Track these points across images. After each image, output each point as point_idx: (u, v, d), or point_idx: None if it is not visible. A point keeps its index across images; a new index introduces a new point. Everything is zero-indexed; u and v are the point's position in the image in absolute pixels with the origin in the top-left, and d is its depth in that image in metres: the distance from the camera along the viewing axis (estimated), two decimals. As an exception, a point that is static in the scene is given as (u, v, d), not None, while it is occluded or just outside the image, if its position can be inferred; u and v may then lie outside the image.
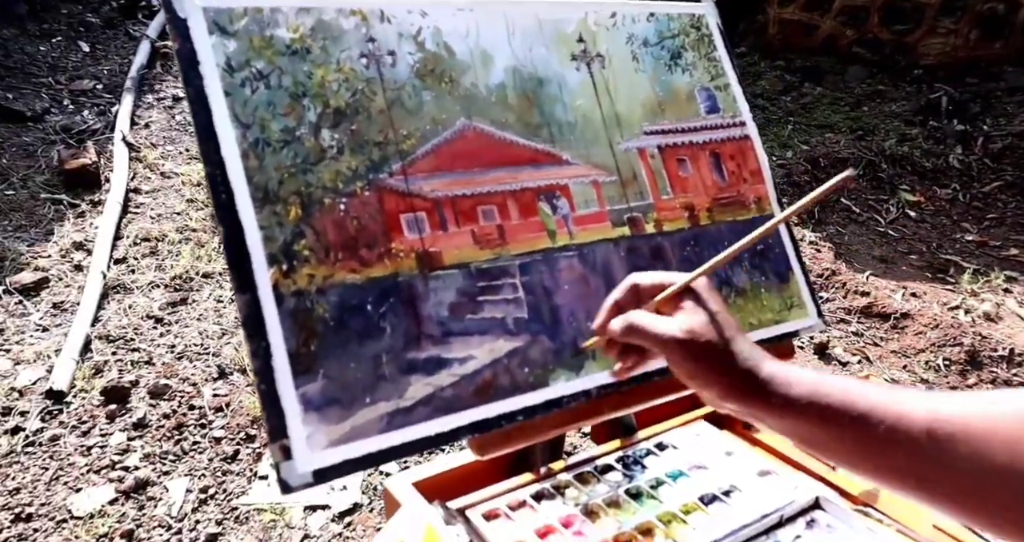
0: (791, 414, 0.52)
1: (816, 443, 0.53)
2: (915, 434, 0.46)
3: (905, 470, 0.48)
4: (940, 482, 0.46)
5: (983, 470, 0.44)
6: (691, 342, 0.55)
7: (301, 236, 0.65)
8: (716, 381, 0.55)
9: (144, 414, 1.86)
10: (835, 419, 0.50)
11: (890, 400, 0.48)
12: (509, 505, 0.81)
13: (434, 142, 0.74)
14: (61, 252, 2.33)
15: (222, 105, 0.63)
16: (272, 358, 0.61)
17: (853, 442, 0.50)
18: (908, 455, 0.47)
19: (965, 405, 0.46)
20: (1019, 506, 0.43)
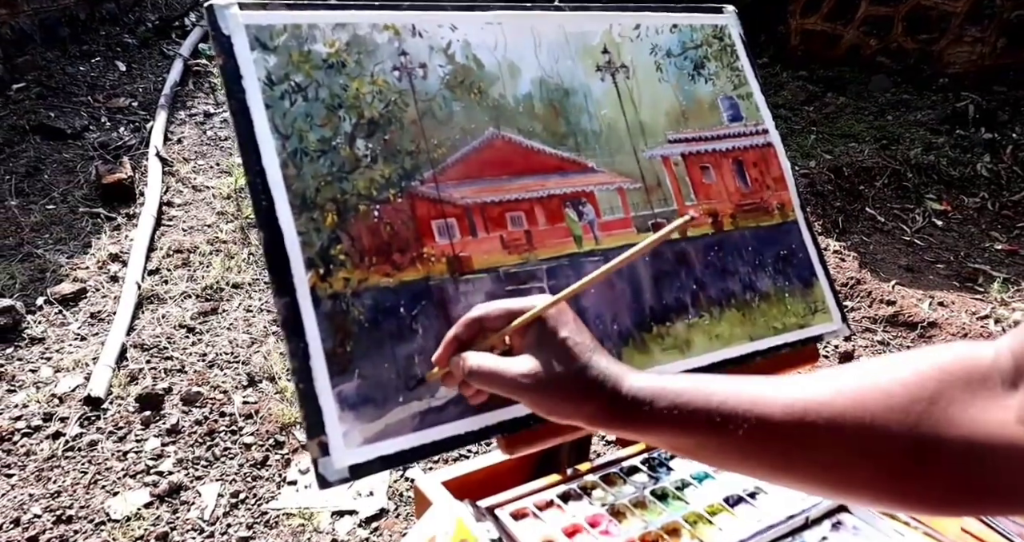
0: (657, 428, 0.52)
1: (686, 451, 0.53)
2: (774, 432, 0.47)
3: (769, 465, 0.49)
4: (803, 471, 0.48)
5: (837, 454, 0.46)
6: (540, 380, 0.53)
7: (337, 241, 0.68)
8: (577, 411, 0.53)
9: (177, 420, 1.91)
10: (698, 428, 0.50)
11: (749, 402, 0.49)
12: (536, 505, 0.82)
13: (464, 151, 0.77)
14: (98, 264, 2.40)
15: (263, 117, 0.67)
16: (310, 358, 0.63)
17: (717, 448, 0.50)
18: (771, 453, 0.48)
19: (816, 392, 0.47)
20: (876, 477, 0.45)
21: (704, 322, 0.84)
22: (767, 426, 0.47)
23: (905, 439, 0.43)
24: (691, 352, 0.82)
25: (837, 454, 0.46)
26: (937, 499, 0.45)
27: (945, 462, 0.43)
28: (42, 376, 1.99)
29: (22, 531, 1.58)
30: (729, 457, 0.51)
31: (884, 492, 0.46)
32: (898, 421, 0.44)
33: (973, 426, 0.42)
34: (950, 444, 0.42)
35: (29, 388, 1.95)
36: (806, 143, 3.74)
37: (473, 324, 0.60)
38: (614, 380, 0.53)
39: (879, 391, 0.45)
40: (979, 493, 0.43)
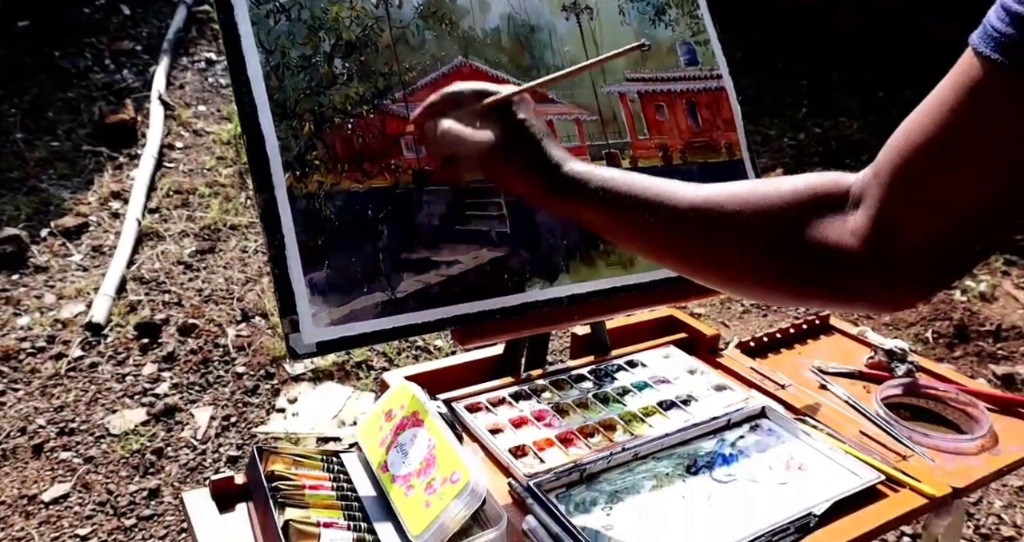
0: (589, 206, 0.62)
1: (610, 231, 0.63)
2: (679, 219, 0.58)
3: (671, 248, 0.60)
4: (694, 255, 0.59)
5: (724, 242, 0.57)
6: (497, 150, 0.63)
7: (313, 148, 0.76)
8: (524, 181, 0.64)
9: (174, 349, 2.01)
10: (622, 208, 0.60)
11: (665, 193, 0.59)
12: (490, 401, 0.92)
13: (433, 75, 0.85)
14: (100, 200, 2.48)
15: (249, 32, 0.74)
16: (285, 248, 0.72)
17: (638, 227, 0.60)
18: (674, 238, 0.59)
19: (716, 194, 0.58)
20: (743, 265, 0.57)
21: (647, 244, 0.93)
22: (674, 213, 0.58)
23: (770, 238, 0.54)
24: (634, 269, 0.91)
25: (723, 242, 0.57)
26: (788, 291, 0.56)
27: (794, 261, 0.54)
28: (46, 302, 2.09)
29: (28, 439, 1.70)
30: (639, 237, 0.61)
31: (749, 279, 0.58)
32: (768, 225, 0.54)
33: (820, 236, 0.52)
34: (801, 248, 0.53)
35: (34, 313, 2.05)
36: (797, 116, 3.79)
37: (448, 97, 0.69)
38: (557, 160, 0.63)
39: (762, 201, 0.55)
40: (820, 290, 0.54)
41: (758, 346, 1.10)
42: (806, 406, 0.94)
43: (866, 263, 0.50)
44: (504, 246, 0.84)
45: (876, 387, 0.99)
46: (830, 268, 0.52)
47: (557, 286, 0.86)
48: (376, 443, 0.73)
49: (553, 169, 0.63)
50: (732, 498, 0.78)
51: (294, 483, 0.67)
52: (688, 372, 1.01)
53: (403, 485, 0.67)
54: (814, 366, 1.05)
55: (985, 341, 2.41)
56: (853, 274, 0.52)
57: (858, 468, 0.81)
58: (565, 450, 0.83)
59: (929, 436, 0.88)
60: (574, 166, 0.63)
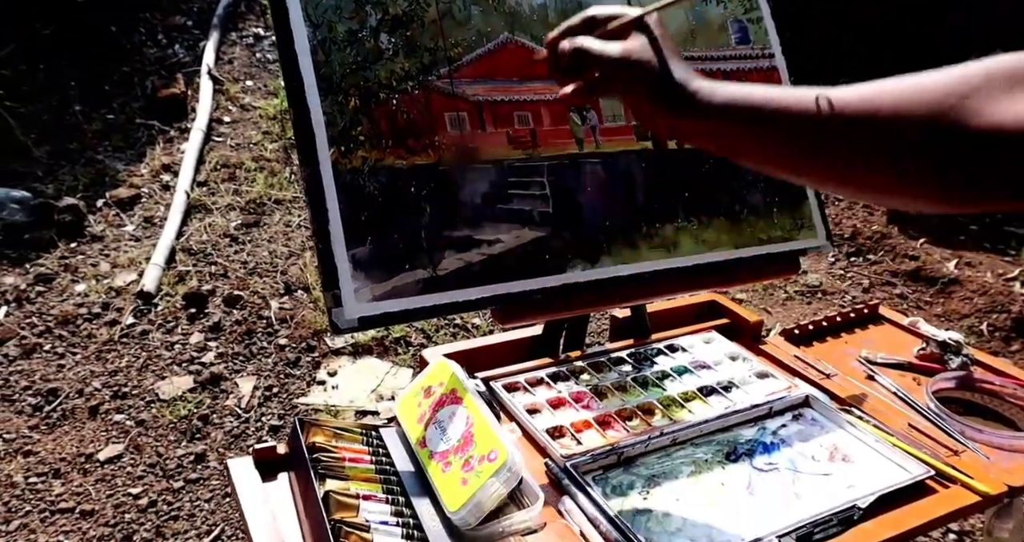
0: (713, 119, 0.58)
1: (733, 143, 0.59)
2: (811, 109, 0.51)
3: (800, 156, 0.54)
4: (830, 160, 0.52)
5: (861, 141, 0.49)
6: (628, 59, 0.62)
7: (358, 124, 0.76)
8: (648, 91, 0.62)
9: (219, 319, 2.07)
10: (743, 120, 0.56)
11: (793, 98, 0.53)
12: (528, 381, 0.92)
13: (478, 52, 0.84)
14: (152, 172, 2.55)
15: (297, 7, 0.74)
16: (328, 223, 0.72)
17: (756, 138, 0.56)
18: (815, 142, 0.52)
19: (860, 90, 0.50)
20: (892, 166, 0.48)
21: (692, 226, 0.91)
22: (804, 118, 0.51)
23: (924, 128, 0.45)
24: (677, 252, 0.89)
25: (868, 144, 0.49)
26: (949, 191, 0.47)
27: (959, 151, 0.44)
28: (101, 270, 2.17)
29: (85, 401, 1.78)
30: (770, 152, 0.57)
31: (898, 183, 0.49)
32: (923, 113, 0.45)
33: (1000, 116, 0.42)
34: (970, 134, 0.43)
35: (90, 280, 2.13)
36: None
37: (588, 20, 0.68)
38: (686, 77, 0.61)
39: (916, 88, 0.47)
40: (994, 184, 0.44)
41: (803, 334, 1.08)
42: (852, 396, 0.92)
43: None
44: (546, 226, 0.83)
45: (927, 379, 0.96)
46: (997, 154, 0.43)
47: (599, 268, 0.85)
48: (414, 419, 0.74)
49: (678, 86, 0.60)
50: (773, 487, 0.77)
51: (335, 455, 0.68)
52: (730, 358, 0.99)
53: (440, 461, 0.67)
54: (861, 356, 1.02)
55: (1044, 335, 2.31)
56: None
57: (906, 462, 0.78)
58: (603, 433, 0.82)
59: (983, 432, 0.85)
60: (699, 83, 0.60)
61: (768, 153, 0.57)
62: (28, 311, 2.02)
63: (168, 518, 1.55)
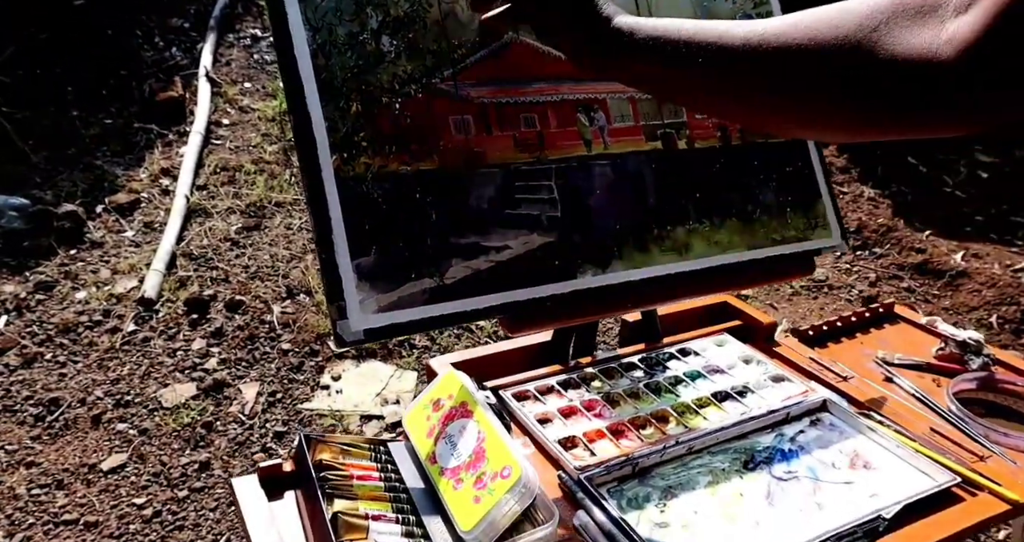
0: (634, 57, 0.57)
1: (661, 86, 0.58)
2: (731, 59, 0.52)
3: (724, 93, 0.54)
4: (752, 97, 0.52)
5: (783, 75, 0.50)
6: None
7: (361, 129, 0.73)
8: (571, 34, 0.60)
9: (222, 325, 2.05)
10: (668, 57, 0.55)
11: (715, 35, 0.53)
12: (538, 389, 0.90)
13: (483, 53, 0.81)
14: (151, 177, 2.53)
15: (296, 9, 0.72)
16: (332, 232, 0.70)
17: (682, 77, 0.55)
18: (727, 81, 0.53)
19: (774, 26, 0.51)
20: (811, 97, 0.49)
21: (704, 228, 0.89)
22: (726, 53, 0.52)
23: (840, 60, 0.47)
24: (689, 255, 0.87)
25: (783, 76, 0.50)
26: (860, 118, 0.48)
27: (870, 81, 0.46)
28: (101, 277, 2.15)
29: (88, 410, 1.76)
30: (690, 86, 0.56)
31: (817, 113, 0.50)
32: (838, 45, 0.47)
33: (904, 46, 0.44)
34: (878, 64, 0.45)
35: (90, 287, 2.11)
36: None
37: None
38: (609, 13, 0.59)
39: (830, 22, 0.48)
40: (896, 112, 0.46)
41: (817, 335, 1.05)
42: (870, 400, 0.89)
43: (954, 77, 0.43)
44: (555, 231, 0.81)
45: (947, 381, 0.94)
46: (910, 82, 0.44)
47: (609, 273, 0.82)
48: (424, 433, 0.72)
49: (602, 22, 0.59)
50: (793, 497, 0.74)
51: (342, 473, 0.66)
52: (743, 361, 0.97)
53: (452, 478, 0.65)
54: (878, 357, 0.99)
55: (1055, 328, 2.28)
56: (936, 89, 0.43)
57: (930, 468, 0.76)
58: (616, 442, 0.80)
59: (1009, 435, 0.82)
60: (624, 19, 0.59)
61: (692, 91, 0.57)
62: (28, 320, 2.00)
63: (173, 528, 1.53)
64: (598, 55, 0.59)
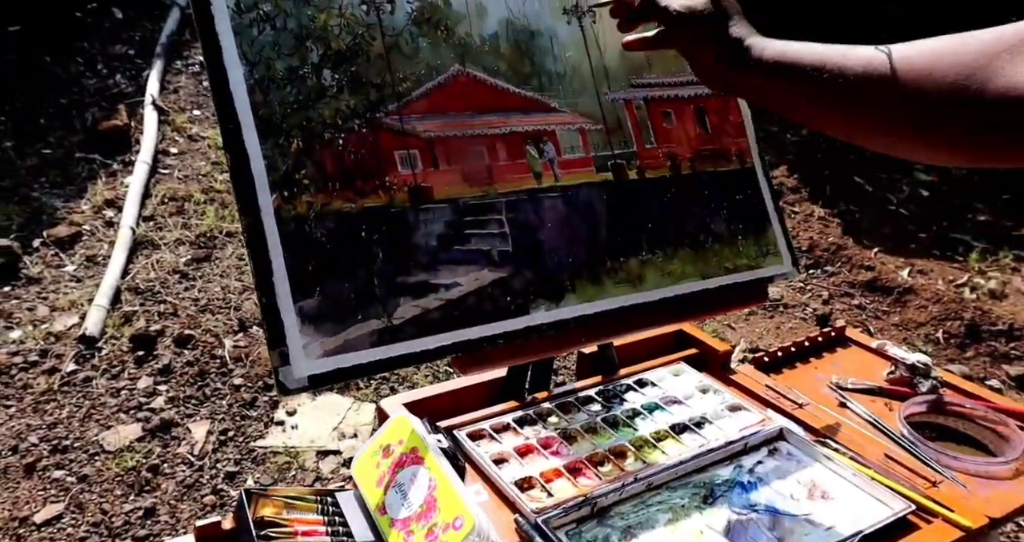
0: (764, 73, 0.62)
1: (781, 97, 0.62)
2: (857, 70, 0.54)
3: (841, 109, 0.57)
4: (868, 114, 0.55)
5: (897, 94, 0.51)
6: (691, 14, 0.68)
7: (302, 167, 0.71)
8: (706, 49, 0.67)
9: (169, 361, 1.97)
10: (791, 74, 0.59)
11: (837, 50, 0.57)
12: (493, 427, 0.88)
13: (428, 86, 0.80)
14: (94, 208, 2.44)
15: (231, 43, 0.70)
16: (272, 275, 0.67)
17: (802, 92, 0.59)
18: (851, 93, 0.55)
19: (906, 46, 0.53)
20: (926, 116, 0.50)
21: (657, 259, 0.88)
22: (846, 77, 0.55)
23: (958, 86, 0.47)
24: (643, 286, 0.86)
25: (900, 101, 0.51)
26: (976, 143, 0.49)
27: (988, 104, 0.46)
28: (39, 314, 2.05)
29: (20, 458, 1.66)
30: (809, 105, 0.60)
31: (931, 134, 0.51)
32: (957, 71, 0.48)
33: (1016, 79, 0.45)
34: (994, 92, 0.45)
35: (26, 326, 2.00)
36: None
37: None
38: (742, 34, 0.66)
39: (952, 49, 0.49)
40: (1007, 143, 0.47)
41: (772, 360, 1.06)
42: (826, 427, 0.90)
43: None
44: (506, 266, 0.79)
45: (899, 404, 0.94)
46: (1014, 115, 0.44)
47: (563, 307, 0.81)
48: (373, 482, 0.69)
49: (734, 41, 0.65)
50: (753, 532, 0.73)
51: (286, 530, 0.62)
52: (700, 391, 0.97)
53: (402, 530, 0.62)
54: (832, 382, 1.00)
55: (998, 341, 2.36)
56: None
57: (886, 497, 0.76)
58: (574, 481, 0.78)
59: (959, 459, 0.83)
60: (755, 40, 0.64)
61: (811, 108, 0.60)
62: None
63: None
64: (730, 73, 0.65)
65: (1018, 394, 2.21)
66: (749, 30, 0.66)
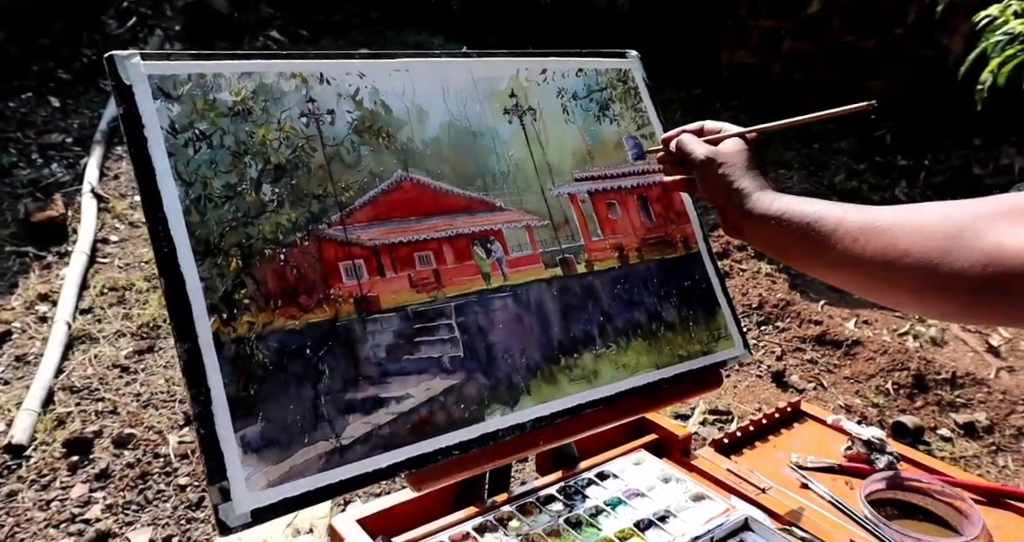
0: (768, 224, 0.71)
1: (783, 248, 0.72)
2: (851, 231, 0.62)
3: (842, 263, 0.64)
4: (867, 269, 0.61)
5: (892, 256, 0.58)
6: (712, 161, 0.79)
7: (242, 286, 0.69)
8: (720, 194, 0.77)
9: (107, 465, 1.85)
10: (797, 226, 0.67)
11: (836, 212, 0.65)
12: (452, 538, 0.84)
13: (372, 193, 0.80)
14: (25, 304, 2.33)
15: (165, 165, 0.68)
16: (212, 403, 0.64)
17: (807, 243, 0.67)
18: (844, 249, 0.63)
19: (892, 211, 0.61)
20: (913, 276, 0.57)
21: (611, 352, 0.88)
22: (840, 241, 0.63)
23: (941, 239, 0.54)
24: (598, 381, 0.86)
25: (894, 262, 0.58)
26: (961, 303, 0.54)
27: (967, 268, 0.52)
28: (-40, 423, 1.91)
29: (-66, 589, 1.51)
30: (808, 263, 0.69)
31: (918, 292, 0.57)
32: (944, 232, 0.54)
33: (1006, 238, 0.50)
34: (974, 252, 0.51)
35: (-55, 437, 1.87)
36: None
37: (698, 128, 0.87)
38: (750, 188, 0.75)
39: (943, 213, 0.56)
40: (995, 301, 0.52)
41: (732, 441, 1.05)
42: (790, 512, 0.89)
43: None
44: (459, 372, 0.77)
45: (859, 482, 0.95)
46: (1007, 274, 0.50)
47: (519, 410, 0.79)
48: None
49: (740, 192, 0.75)
50: (728, 641, 0.71)
51: None
52: (662, 481, 0.95)
53: None
54: (792, 462, 1.00)
55: (943, 389, 2.42)
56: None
57: (857, 591, 0.75)
58: (541, 596, 0.75)
59: (922, 540, 0.83)
60: (761, 193, 0.74)
61: (806, 262, 0.69)
62: None
63: None
64: (736, 219, 0.75)
65: (968, 441, 2.26)
66: (758, 183, 0.75)
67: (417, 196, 0.83)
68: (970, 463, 2.16)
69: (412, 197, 0.82)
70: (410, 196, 0.82)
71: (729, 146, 0.80)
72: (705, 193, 0.81)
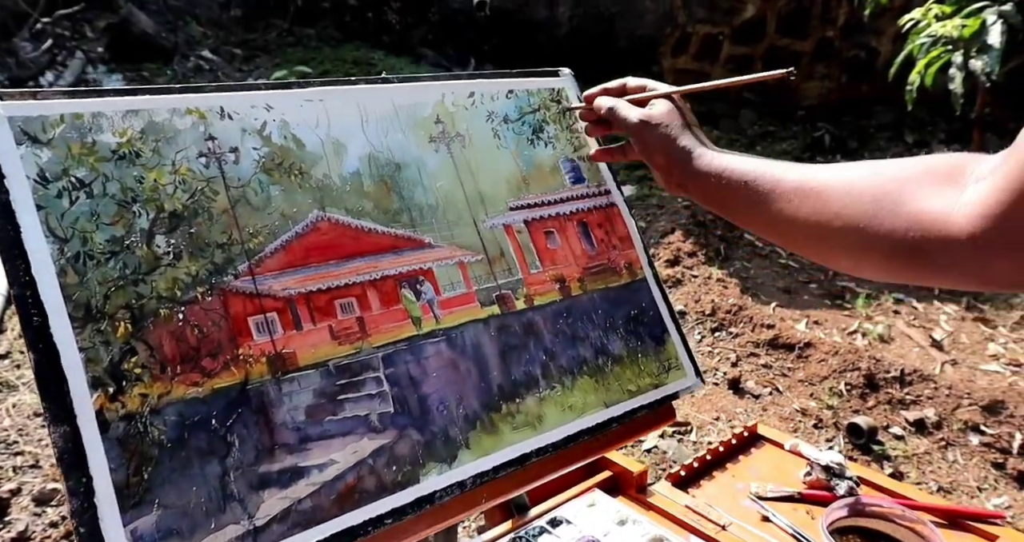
0: (710, 182, 0.71)
1: (724, 205, 0.72)
2: (787, 191, 0.64)
3: (779, 222, 0.65)
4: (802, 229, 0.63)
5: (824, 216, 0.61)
6: (647, 123, 0.78)
7: (132, 353, 0.61)
8: (660, 154, 0.77)
9: (26, 526, 1.70)
10: (736, 184, 0.68)
11: (775, 171, 0.66)
12: (394, 610, 0.76)
13: (284, 238, 0.72)
14: (-68, 352, 2.15)
15: (34, 220, 0.60)
16: (95, 495, 0.55)
17: (746, 201, 0.68)
18: (780, 209, 0.64)
19: (826, 173, 0.63)
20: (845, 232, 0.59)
21: (556, 394, 0.82)
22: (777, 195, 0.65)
23: (869, 203, 0.56)
24: (543, 427, 0.80)
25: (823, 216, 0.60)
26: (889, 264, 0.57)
27: (892, 231, 0.54)
28: None
29: None
30: (748, 220, 0.71)
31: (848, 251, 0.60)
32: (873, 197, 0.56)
33: (926, 204, 0.53)
34: (898, 217, 0.54)
35: None
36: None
37: (621, 85, 0.86)
38: (692, 145, 0.75)
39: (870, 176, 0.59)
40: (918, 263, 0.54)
41: (689, 474, 1.01)
42: (753, 552, 0.84)
43: (967, 240, 0.49)
44: (389, 430, 0.71)
45: (820, 510, 0.91)
46: (928, 238, 0.52)
47: (457, 467, 0.73)
48: None
49: (683, 151, 0.75)
50: None
51: None
52: (618, 524, 0.89)
53: None
54: (752, 493, 0.96)
55: (893, 387, 2.46)
56: (950, 251, 0.51)
57: (826, 639, 0.70)
58: None
59: (888, 574, 0.79)
60: (702, 150, 0.74)
61: (745, 219, 0.71)
62: None
63: None
64: (681, 178, 0.75)
65: (919, 438, 2.28)
66: (696, 141, 0.76)
67: (336, 237, 0.75)
68: (922, 460, 2.19)
69: (330, 239, 0.75)
70: (328, 238, 0.75)
71: (660, 107, 0.79)
72: (643, 155, 0.81)
